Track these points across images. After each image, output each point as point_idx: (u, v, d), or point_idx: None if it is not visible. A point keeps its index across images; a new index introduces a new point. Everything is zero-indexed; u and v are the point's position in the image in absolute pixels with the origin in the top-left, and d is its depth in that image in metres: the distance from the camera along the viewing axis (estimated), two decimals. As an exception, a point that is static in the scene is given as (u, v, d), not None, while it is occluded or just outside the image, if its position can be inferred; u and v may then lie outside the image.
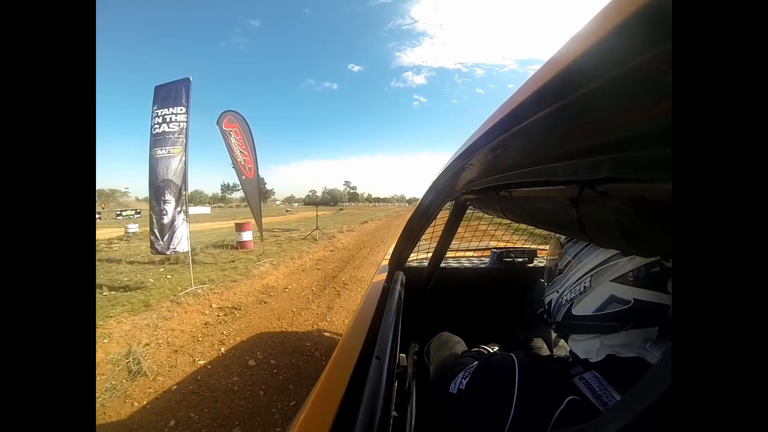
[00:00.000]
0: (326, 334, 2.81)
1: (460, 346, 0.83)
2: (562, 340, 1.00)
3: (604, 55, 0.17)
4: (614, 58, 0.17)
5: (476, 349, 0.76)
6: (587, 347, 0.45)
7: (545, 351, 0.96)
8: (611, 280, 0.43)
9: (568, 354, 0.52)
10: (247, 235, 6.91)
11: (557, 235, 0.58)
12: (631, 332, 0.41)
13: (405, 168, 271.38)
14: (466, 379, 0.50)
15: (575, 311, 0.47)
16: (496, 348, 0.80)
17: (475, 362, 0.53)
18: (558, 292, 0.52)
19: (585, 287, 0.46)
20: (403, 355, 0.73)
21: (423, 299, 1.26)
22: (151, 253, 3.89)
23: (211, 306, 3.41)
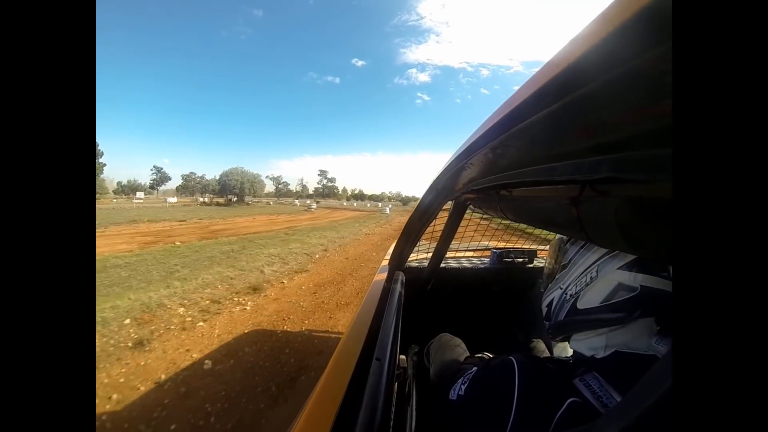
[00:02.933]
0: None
1: (460, 348, 0.83)
2: (564, 342, 0.99)
3: (605, 55, 0.17)
4: (615, 59, 0.17)
5: (479, 355, 0.76)
6: (593, 344, 0.44)
7: (545, 352, 0.96)
8: (618, 268, 0.42)
9: (569, 355, 0.52)
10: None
11: (557, 236, 0.58)
12: (637, 324, 0.40)
13: (406, 167, 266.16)
14: (465, 385, 0.49)
15: (581, 305, 0.46)
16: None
17: (474, 368, 0.53)
18: (561, 288, 0.51)
19: (591, 278, 0.45)
20: (403, 356, 0.73)
21: (423, 299, 1.26)
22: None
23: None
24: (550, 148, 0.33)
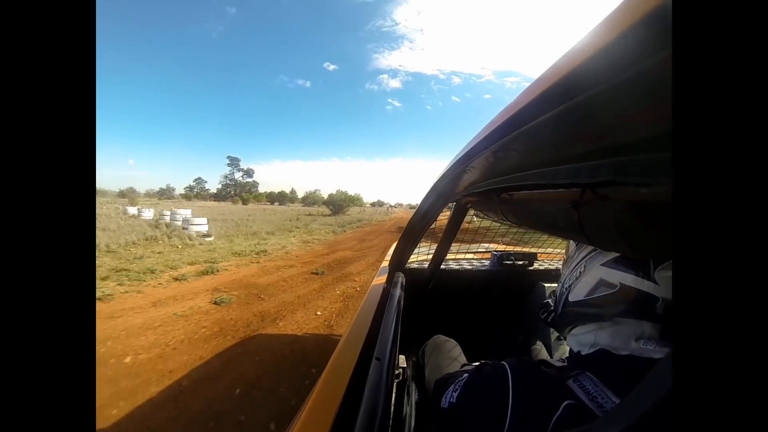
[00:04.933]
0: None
1: (454, 350, 0.83)
2: (563, 344, 1.00)
3: (607, 60, 0.17)
4: (617, 63, 0.17)
5: (477, 363, 0.76)
6: (582, 340, 0.46)
7: (544, 354, 0.96)
8: (602, 264, 0.44)
9: (564, 358, 0.52)
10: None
11: None
12: (624, 325, 0.41)
13: (377, 173, 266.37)
14: (457, 392, 0.49)
15: (571, 297, 0.49)
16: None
17: (466, 374, 0.52)
18: (561, 283, 0.54)
19: (580, 272, 0.48)
20: (403, 356, 0.73)
21: (423, 301, 1.27)
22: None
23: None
24: (551, 152, 0.33)
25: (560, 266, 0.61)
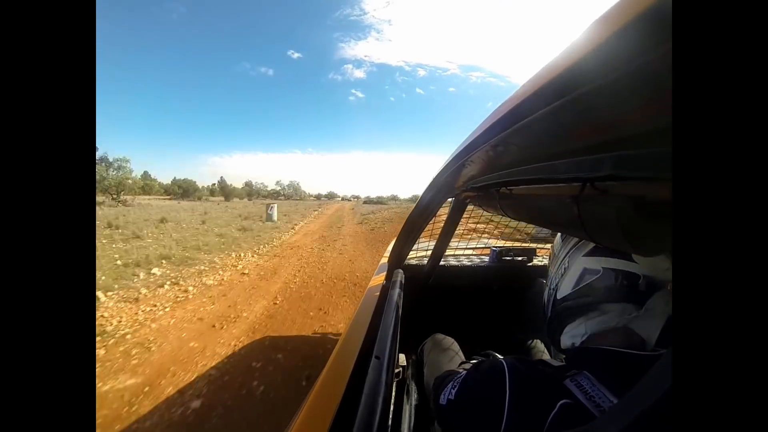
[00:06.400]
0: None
1: (452, 348, 0.83)
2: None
3: (608, 54, 0.17)
4: (617, 57, 0.17)
5: (475, 361, 0.77)
6: (573, 333, 0.47)
7: (545, 352, 0.96)
8: (583, 255, 0.46)
9: (562, 357, 0.52)
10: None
11: (558, 235, 0.58)
12: (611, 312, 0.43)
13: (338, 166, 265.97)
14: (455, 389, 0.49)
15: (559, 295, 0.49)
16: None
17: (464, 371, 0.53)
18: (548, 286, 0.53)
19: (565, 269, 0.49)
20: (403, 355, 0.73)
21: (422, 297, 1.26)
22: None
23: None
24: (552, 146, 0.33)
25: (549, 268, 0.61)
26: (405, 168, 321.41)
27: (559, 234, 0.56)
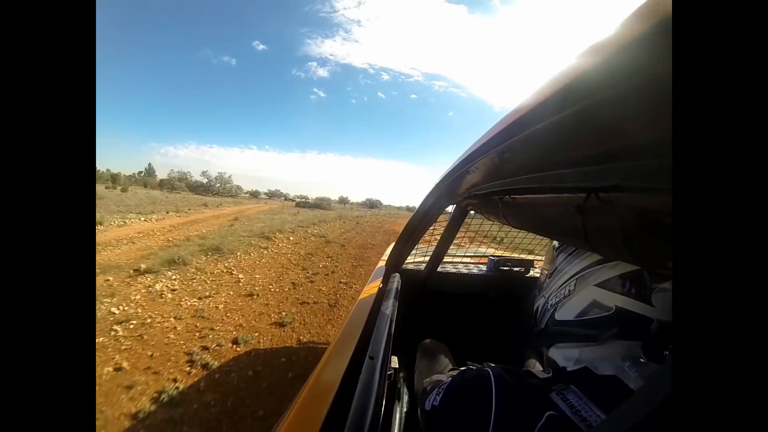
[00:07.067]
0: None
1: (443, 355, 0.83)
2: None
3: (615, 65, 0.17)
4: (624, 69, 0.17)
5: (462, 368, 0.77)
6: (567, 355, 0.44)
7: (535, 363, 0.95)
8: (595, 285, 0.42)
9: (549, 369, 0.51)
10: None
11: (553, 243, 0.58)
12: (611, 345, 0.40)
13: (292, 165, 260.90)
14: (440, 395, 0.49)
15: (558, 316, 0.46)
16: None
17: (449, 378, 0.52)
18: (545, 297, 0.51)
19: (569, 291, 0.45)
20: (396, 357, 0.73)
21: (418, 302, 1.26)
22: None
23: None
24: (557, 155, 0.33)
25: (542, 273, 0.59)
26: (363, 172, 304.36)
27: (556, 243, 0.56)
